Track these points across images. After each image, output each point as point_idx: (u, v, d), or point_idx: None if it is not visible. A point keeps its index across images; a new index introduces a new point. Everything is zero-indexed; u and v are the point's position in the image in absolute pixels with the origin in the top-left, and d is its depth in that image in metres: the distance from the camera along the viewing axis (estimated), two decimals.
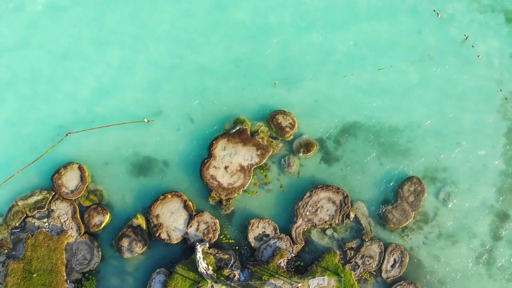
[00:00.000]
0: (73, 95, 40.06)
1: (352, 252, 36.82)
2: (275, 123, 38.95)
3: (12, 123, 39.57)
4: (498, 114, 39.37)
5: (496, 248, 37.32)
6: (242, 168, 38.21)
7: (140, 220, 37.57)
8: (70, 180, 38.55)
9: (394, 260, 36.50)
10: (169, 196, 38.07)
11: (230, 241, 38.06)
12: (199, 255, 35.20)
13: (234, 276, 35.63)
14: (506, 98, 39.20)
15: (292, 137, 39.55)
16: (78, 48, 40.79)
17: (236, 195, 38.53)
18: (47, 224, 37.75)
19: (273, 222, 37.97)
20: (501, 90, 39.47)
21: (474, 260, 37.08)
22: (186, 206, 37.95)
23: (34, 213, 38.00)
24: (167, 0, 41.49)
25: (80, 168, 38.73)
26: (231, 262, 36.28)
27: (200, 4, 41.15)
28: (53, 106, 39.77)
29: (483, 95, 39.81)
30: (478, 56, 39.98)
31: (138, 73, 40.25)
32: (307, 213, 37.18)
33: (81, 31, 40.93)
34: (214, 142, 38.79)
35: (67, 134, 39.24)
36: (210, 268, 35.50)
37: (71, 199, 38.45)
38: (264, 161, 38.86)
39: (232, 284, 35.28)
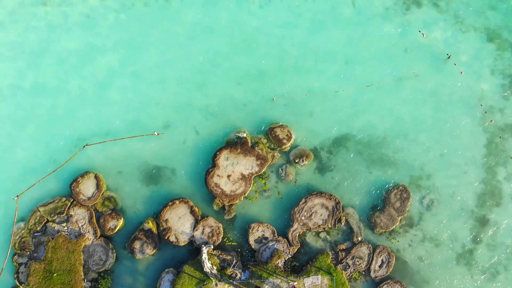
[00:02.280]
0: (89, 111, 40.89)
1: (344, 253, 38.24)
2: (273, 135, 40.09)
3: (34, 137, 40.50)
4: (478, 127, 40.78)
5: (476, 250, 38.78)
6: (243, 177, 39.43)
7: (150, 224, 38.49)
8: (87, 188, 39.05)
9: (382, 260, 38.09)
10: (177, 202, 38.94)
11: (233, 243, 39.03)
12: (204, 256, 36.43)
13: (236, 275, 37.09)
14: (486, 112, 40.74)
15: (289, 148, 40.36)
16: (93, 69, 41.65)
17: (238, 201, 39.34)
18: (66, 228, 38.59)
19: (272, 226, 38.88)
20: (481, 105, 40.96)
21: (455, 261, 38.59)
22: (192, 212, 38.77)
23: (54, 218, 38.73)
24: (176, 23, 42.60)
25: (96, 177, 39.29)
26: (234, 262, 37.67)
27: (204, 26, 42.37)
28: (72, 121, 40.62)
29: (465, 109, 41.02)
30: (461, 72, 41.30)
31: (149, 91, 41.22)
32: (303, 218, 38.77)
33: (97, 52, 41.95)
34: (217, 153, 39.60)
35: (84, 146, 39.95)
36: (215, 268, 36.99)
37: (88, 205, 39.11)
38: (263, 170, 39.63)
39: (234, 282, 36.77)
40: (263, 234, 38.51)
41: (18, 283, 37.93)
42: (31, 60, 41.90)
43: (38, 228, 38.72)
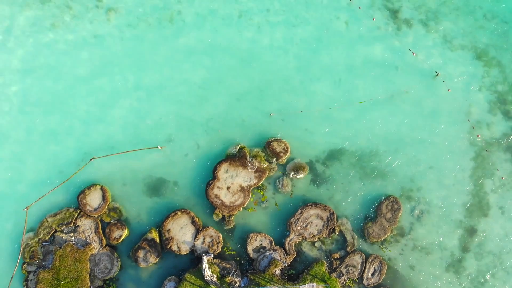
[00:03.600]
0: (95, 126, 41.97)
1: (338, 262, 39.25)
2: (271, 149, 41.02)
3: (43, 151, 41.50)
4: (466, 141, 42.17)
5: (465, 259, 40.18)
6: (242, 189, 40.48)
7: (154, 234, 39.39)
8: (93, 199, 39.87)
9: (374, 269, 39.23)
10: (179, 213, 39.92)
11: (232, 252, 39.98)
12: (205, 264, 37.58)
13: (235, 283, 37.91)
14: (473, 127, 42.23)
15: (285, 161, 41.28)
16: (100, 87, 42.80)
17: (237, 212, 40.21)
18: (73, 237, 39.44)
19: (269, 236, 39.73)
20: (468, 120, 42.42)
21: (445, 269, 39.95)
22: (193, 222, 39.73)
23: (62, 228, 39.51)
24: (178, 42, 43.80)
25: (102, 189, 40.16)
26: (233, 270, 38.54)
27: (205, 46, 43.66)
28: (79, 136, 41.66)
29: (453, 124, 42.39)
30: (448, 90, 42.75)
31: (152, 107, 42.41)
32: (299, 228, 39.67)
33: (103, 69, 43.22)
34: (217, 165, 40.55)
35: (91, 159, 40.76)
36: (215, 276, 37.96)
37: (94, 216, 39.96)
38: (261, 182, 40.58)
39: None
40: (261, 244, 39.55)
41: None
42: (40, 77, 43.21)
43: (47, 238, 39.61)
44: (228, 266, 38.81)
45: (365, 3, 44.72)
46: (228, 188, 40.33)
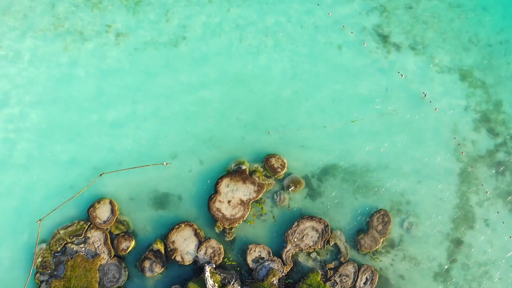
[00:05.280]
0: (104, 143, 43.54)
1: (332, 272, 40.22)
2: (269, 164, 42.19)
3: (56, 167, 42.99)
4: (452, 157, 43.86)
5: (452, 269, 41.77)
6: (242, 202, 41.53)
7: (159, 245, 40.31)
8: (102, 212, 40.86)
9: (366, 278, 40.37)
10: (183, 225, 40.89)
11: (232, 263, 40.89)
12: (207, 274, 38.47)
13: None
14: (459, 144, 44.10)
15: (283, 176, 42.32)
16: (108, 106, 44.48)
17: (237, 224, 41.05)
18: (83, 249, 40.38)
19: (267, 247, 40.63)
20: (454, 138, 44.28)
21: (433, 278, 41.47)
22: (196, 234, 40.67)
23: (73, 239, 40.47)
24: (182, 65, 45.77)
25: (111, 202, 41.19)
26: (233, 280, 39.30)
27: (208, 69, 45.66)
28: (89, 152, 43.30)
29: (440, 141, 43.93)
30: (436, 109, 44.66)
31: (158, 125, 44.06)
32: (295, 240, 40.83)
33: (110, 90, 45.11)
34: (219, 180, 41.60)
35: (100, 175, 41.94)
36: (216, 285, 38.73)
37: (103, 228, 40.88)
38: (260, 196, 41.51)
39: None
40: (260, 254, 40.54)
41: None
42: (52, 99, 45.12)
43: (59, 249, 40.48)
44: (229, 275, 39.57)
45: (357, 29, 47.26)
46: (229, 201, 41.43)
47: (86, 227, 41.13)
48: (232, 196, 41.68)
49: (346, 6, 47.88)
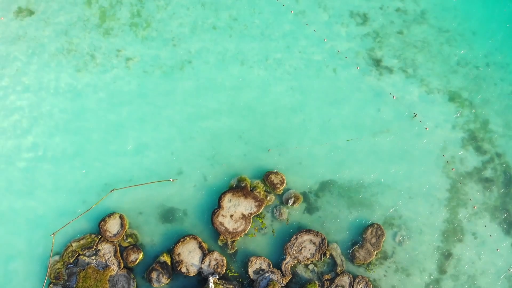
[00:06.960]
0: (114, 161, 44.88)
1: (328, 283, 41.09)
2: (269, 180, 43.34)
3: (69, 183, 44.47)
4: (442, 174, 45.51)
5: (442, 279, 43.22)
6: (243, 216, 42.40)
7: (165, 257, 41.35)
8: (113, 226, 41.98)
9: None
10: (188, 238, 41.87)
11: (235, 274, 41.89)
12: (211, 285, 39.41)
13: None
14: (447, 162, 45.93)
15: (282, 191, 43.60)
16: (119, 126, 46.06)
17: (239, 238, 42.08)
18: (95, 260, 41.42)
19: (268, 259, 41.66)
20: (444, 155, 46.07)
21: None
22: (200, 247, 41.56)
23: (84, 252, 41.53)
24: (187, 86, 47.61)
25: (121, 217, 42.36)
26: None
27: (211, 89, 47.49)
28: (100, 169, 44.89)
29: (429, 159, 45.50)
30: (426, 128, 46.49)
31: (165, 144, 45.62)
32: (294, 252, 41.64)
33: (119, 110, 46.75)
34: (222, 195, 42.67)
35: (111, 191, 43.29)
36: None
37: (113, 241, 42.00)
38: (260, 211, 42.64)
39: None
40: (260, 266, 41.49)
41: None
42: (65, 115, 46.94)
43: (71, 261, 41.66)
44: (231, 286, 40.49)
45: (351, 54, 49.84)
46: (231, 216, 42.46)
47: (97, 240, 42.25)
48: (234, 211, 42.71)
49: (340, 32, 50.34)
